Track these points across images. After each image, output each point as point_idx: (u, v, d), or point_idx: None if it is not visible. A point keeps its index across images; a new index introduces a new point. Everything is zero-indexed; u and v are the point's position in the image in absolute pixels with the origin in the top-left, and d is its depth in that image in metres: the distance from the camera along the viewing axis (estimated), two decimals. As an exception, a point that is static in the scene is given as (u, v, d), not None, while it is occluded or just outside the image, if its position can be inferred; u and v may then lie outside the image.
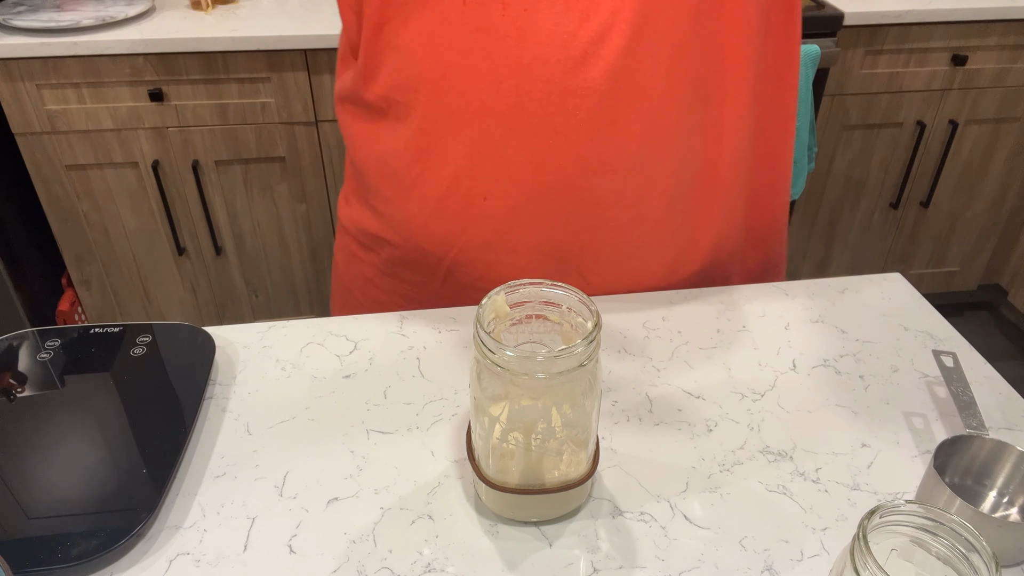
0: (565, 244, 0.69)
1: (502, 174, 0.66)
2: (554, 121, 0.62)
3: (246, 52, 1.52)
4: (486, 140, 0.64)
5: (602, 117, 0.62)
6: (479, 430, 0.48)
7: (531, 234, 0.69)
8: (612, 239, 0.69)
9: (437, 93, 0.64)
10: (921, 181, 1.91)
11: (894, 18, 1.64)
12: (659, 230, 0.70)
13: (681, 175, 0.68)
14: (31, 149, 1.58)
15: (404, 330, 0.68)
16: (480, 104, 0.63)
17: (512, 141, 0.64)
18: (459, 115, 0.64)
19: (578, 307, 0.48)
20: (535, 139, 0.63)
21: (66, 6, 1.61)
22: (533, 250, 0.69)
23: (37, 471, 0.52)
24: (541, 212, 0.67)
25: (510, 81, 0.61)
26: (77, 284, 1.80)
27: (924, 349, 0.66)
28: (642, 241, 0.70)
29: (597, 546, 0.49)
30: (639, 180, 0.66)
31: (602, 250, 0.70)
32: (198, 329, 0.66)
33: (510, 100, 0.62)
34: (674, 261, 0.73)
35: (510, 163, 0.65)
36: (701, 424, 0.58)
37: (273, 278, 1.87)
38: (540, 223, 0.68)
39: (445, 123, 0.65)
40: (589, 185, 0.65)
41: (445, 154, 0.66)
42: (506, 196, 0.67)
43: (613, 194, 0.66)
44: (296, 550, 0.49)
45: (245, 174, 1.69)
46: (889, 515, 0.39)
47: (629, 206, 0.67)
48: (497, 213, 0.68)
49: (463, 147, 0.65)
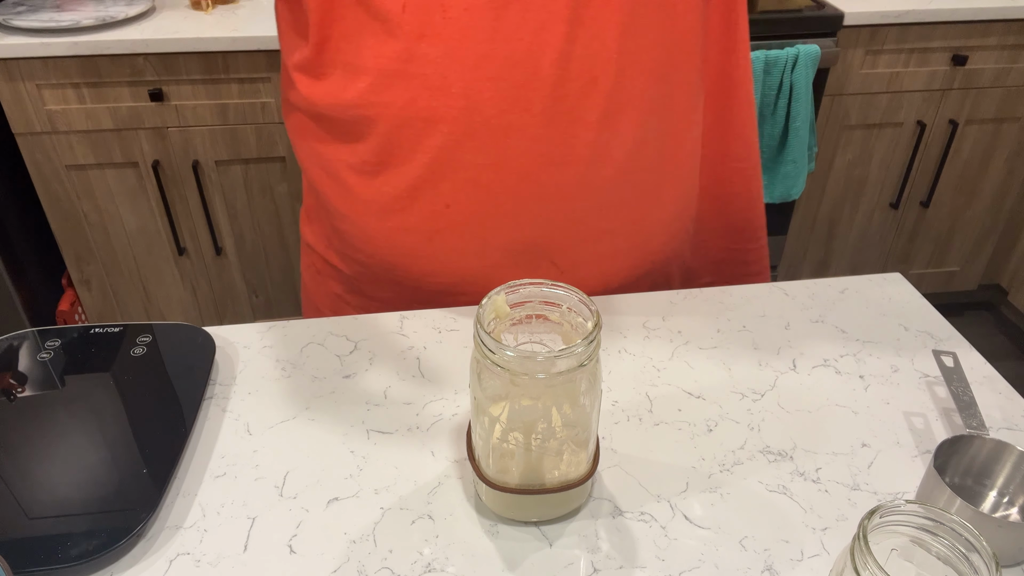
0: (533, 239, 0.68)
1: (462, 179, 0.65)
2: (508, 119, 0.62)
3: (246, 52, 1.52)
4: (442, 147, 0.63)
5: (555, 108, 0.62)
6: (479, 430, 0.48)
7: (498, 235, 0.68)
8: (579, 228, 0.69)
9: (386, 105, 0.63)
10: (921, 181, 1.91)
11: (894, 18, 1.64)
12: (624, 212, 0.70)
13: (641, 155, 0.68)
14: (31, 149, 1.58)
15: (404, 330, 0.68)
16: (431, 111, 0.62)
17: (468, 144, 0.63)
18: (411, 125, 0.63)
19: (578, 307, 0.48)
20: (491, 140, 0.63)
21: (66, 6, 1.61)
22: (502, 249, 0.69)
23: (37, 471, 0.52)
24: (506, 211, 0.66)
25: (458, 84, 0.61)
26: (77, 284, 1.80)
27: (924, 349, 0.66)
28: (606, 225, 0.70)
29: (597, 546, 0.49)
30: (599, 167, 0.66)
31: (570, 239, 0.69)
32: (198, 329, 0.66)
33: (460, 104, 0.61)
34: (642, 239, 0.73)
35: (469, 167, 0.64)
36: (701, 424, 0.58)
37: (273, 278, 1.87)
38: (506, 222, 0.67)
39: (398, 135, 0.64)
40: (550, 178, 0.65)
41: (402, 166, 0.66)
42: (469, 200, 0.66)
43: (575, 184, 0.66)
44: (296, 550, 0.49)
45: (245, 174, 1.69)
46: (889, 515, 0.39)
47: (591, 193, 0.67)
48: (461, 219, 0.67)
49: (420, 156, 0.64)
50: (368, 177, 0.68)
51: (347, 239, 0.73)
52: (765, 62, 1.56)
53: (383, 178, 0.67)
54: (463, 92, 0.61)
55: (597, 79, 0.61)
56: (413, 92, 0.62)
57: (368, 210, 0.69)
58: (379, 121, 0.64)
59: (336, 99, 0.65)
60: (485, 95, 0.61)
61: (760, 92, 1.59)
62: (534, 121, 0.62)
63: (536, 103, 0.61)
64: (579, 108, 0.62)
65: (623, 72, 0.62)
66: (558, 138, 0.63)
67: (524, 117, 0.62)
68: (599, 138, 0.64)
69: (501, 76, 0.60)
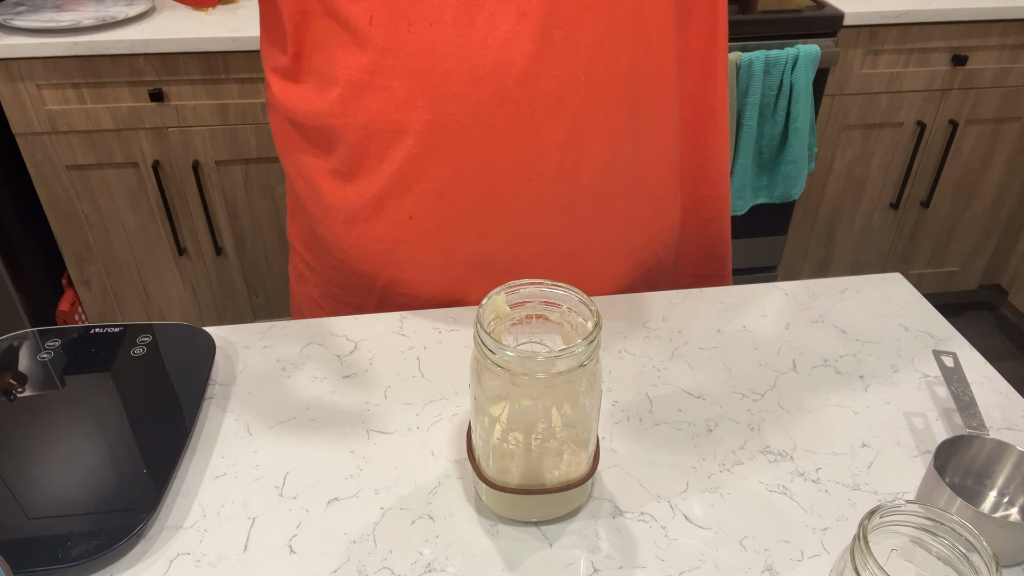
0: (496, 255, 0.68)
1: (425, 192, 0.65)
2: (472, 135, 0.61)
3: (246, 52, 1.52)
4: (406, 160, 0.63)
5: (520, 126, 0.61)
6: (479, 430, 0.48)
7: (461, 248, 0.68)
8: (543, 247, 0.69)
9: (354, 116, 0.63)
10: (921, 181, 1.91)
11: (894, 18, 1.64)
12: (591, 233, 0.70)
13: (611, 178, 0.67)
14: (31, 149, 1.58)
15: (404, 330, 0.68)
16: (396, 124, 0.62)
17: (432, 158, 0.63)
18: (377, 137, 0.63)
19: (578, 307, 0.48)
20: (455, 155, 0.62)
21: (66, 6, 1.61)
22: (465, 263, 0.69)
23: (37, 471, 0.52)
24: (469, 226, 0.66)
25: (423, 98, 0.60)
26: (77, 284, 1.80)
27: (924, 349, 0.66)
28: (574, 246, 0.70)
29: (597, 546, 0.49)
30: (566, 187, 0.65)
31: (534, 257, 0.69)
32: (198, 329, 0.66)
33: (425, 117, 0.61)
34: (608, 263, 0.73)
35: (432, 180, 0.64)
36: (701, 424, 0.58)
37: (273, 278, 1.87)
38: (469, 237, 0.67)
39: (364, 145, 0.64)
40: (515, 196, 0.65)
41: (368, 176, 0.66)
42: (431, 214, 0.66)
43: (540, 203, 0.66)
44: (296, 550, 0.49)
45: (245, 174, 1.69)
46: (889, 515, 0.39)
47: (558, 213, 0.67)
48: (424, 231, 0.67)
49: (385, 167, 0.65)
50: (339, 184, 0.68)
51: (322, 243, 0.74)
52: (765, 62, 1.56)
53: (351, 187, 0.68)
54: (428, 106, 0.61)
55: (564, 99, 0.61)
56: (380, 104, 0.62)
57: (337, 216, 0.70)
58: (348, 131, 0.64)
59: (310, 106, 0.66)
60: (449, 110, 0.61)
61: (760, 92, 1.59)
62: (498, 139, 0.62)
63: (500, 121, 0.61)
64: (545, 127, 0.62)
65: (592, 94, 0.62)
66: (521, 156, 0.63)
67: (488, 134, 0.61)
68: (565, 158, 0.64)
69: (465, 92, 0.60)
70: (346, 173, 0.67)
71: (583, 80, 0.61)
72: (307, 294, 0.81)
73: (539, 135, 0.62)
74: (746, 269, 1.95)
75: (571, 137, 0.63)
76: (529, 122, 0.61)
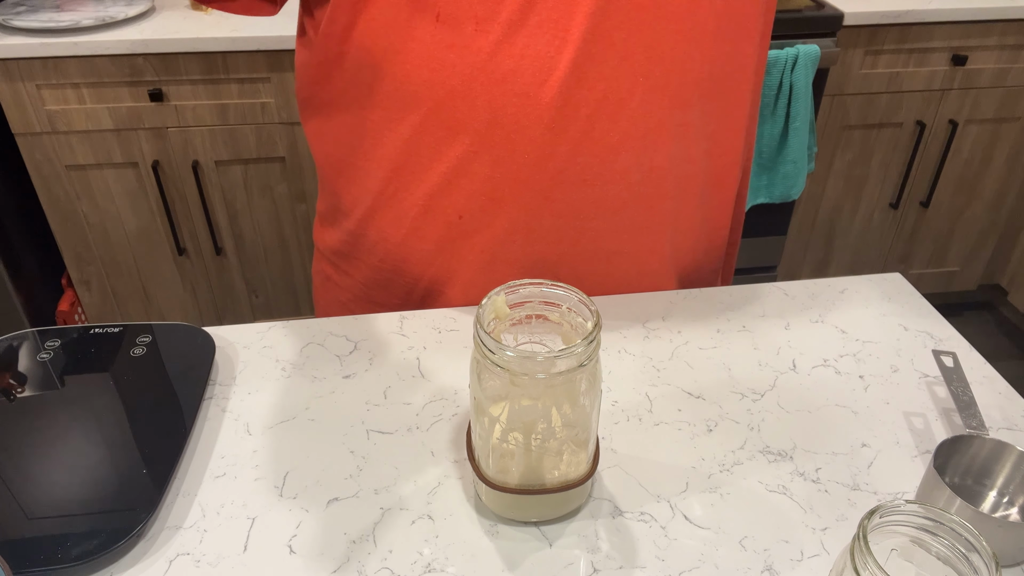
0: (543, 256, 0.68)
1: (478, 191, 0.65)
2: (530, 135, 0.61)
3: (246, 52, 1.52)
4: (461, 158, 0.63)
5: (579, 128, 0.61)
6: (479, 430, 0.48)
7: (508, 249, 0.68)
8: (591, 248, 0.69)
9: (411, 111, 0.63)
10: (921, 181, 1.92)
11: (894, 18, 1.64)
12: (639, 236, 0.70)
13: (661, 180, 0.67)
14: (31, 149, 1.58)
15: (404, 330, 0.68)
16: (454, 121, 0.62)
17: (487, 158, 0.63)
18: (433, 133, 0.63)
19: (578, 307, 0.48)
20: (511, 155, 0.62)
21: (66, 6, 1.61)
22: (511, 264, 0.69)
23: (37, 471, 0.52)
24: (518, 227, 0.66)
25: (483, 97, 0.60)
26: (77, 284, 1.80)
27: (924, 349, 0.66)
28: (621, 248, 0.70)
29: (597, 546, 0.49)
30: (617, 190, 0.65)
31: (580, 258, 0.69)
32: (198, 329, 0.66)
33: (484, 116, 0.61)
34: (651, 266, 0.73)
35: (485, 180, 0.64)
36: (701, 424, 0.58)
37: (273, 278, 1.87)
38: (517, 238, 0.67)
39: (419, 141, 0.64)
40: (567, 198, 0.64)
41: (420, 172, 0.65)
42: (483, 213, 0.66)
43: (592, 205, 0.65)
44: (296, 550, 0.49)
45: (245, 174, 1.69)
46: (889, 515, 0.39)
47: (608, 215, 0.67)
48: (473, 230, 0.67)
49: (438, 165, 0.64)
50: (386, 180, 0.68)
51: (363, 242, 0.73)
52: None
53: (400, 181, 0.67)
54: (487, 105, 0.60)
55: (623, 103, 0.61)
56: (438, 101, 0.61)
57: (384, 214, 0.70)
58: (401, 124, 0.64)
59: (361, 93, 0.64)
60: (509, 110, 0.60)
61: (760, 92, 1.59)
62: (555, 140, 0.61)
63: (559, 123, 0.60)
64: (600, 130, 0.61)
65: (650, 96, 0.61)
66: (577, 159, 0.62)
67: (546, 135, 0.61)
68: (617, 161, 0.63)
69: (528, 93, 0.59)
70: (394, 170, 0.66)
71: (641, 82, 0.60)
72: (335, 298, 0.80)
73: (594, 137, 0.62)
74: (746, 269, 1.95)
75: (625, 140, 0.62)
76: (588, 124, 0.61)
